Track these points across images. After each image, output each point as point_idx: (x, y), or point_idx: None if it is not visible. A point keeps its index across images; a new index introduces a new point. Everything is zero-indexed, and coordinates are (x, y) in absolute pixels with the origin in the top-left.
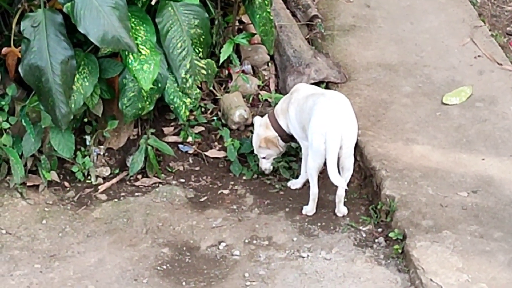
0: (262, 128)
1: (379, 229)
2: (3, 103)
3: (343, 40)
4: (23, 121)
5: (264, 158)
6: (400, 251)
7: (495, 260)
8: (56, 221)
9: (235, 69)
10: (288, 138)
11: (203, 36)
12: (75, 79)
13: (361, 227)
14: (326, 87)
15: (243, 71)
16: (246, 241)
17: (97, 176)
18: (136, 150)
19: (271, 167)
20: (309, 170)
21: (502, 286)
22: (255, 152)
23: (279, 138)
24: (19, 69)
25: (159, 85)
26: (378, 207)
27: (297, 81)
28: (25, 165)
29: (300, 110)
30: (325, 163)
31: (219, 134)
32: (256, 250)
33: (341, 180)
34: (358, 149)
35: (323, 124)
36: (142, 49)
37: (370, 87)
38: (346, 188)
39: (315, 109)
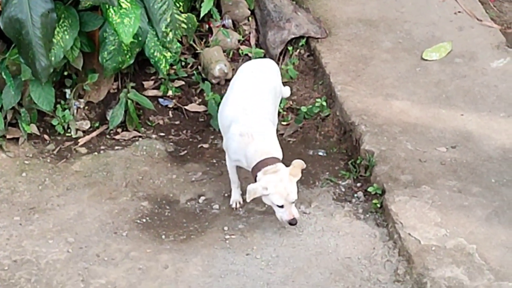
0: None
1: (358, 184)
2: None
3: None
4: (3, 73)
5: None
6: (378, 205)
7: (473, 215)
8: (35, 174)
9: (215, 24)
10: None
11: None
12: (55, 32)
13: (340, 182)
14: (306, 42)
15: (223, 26)
16: (226, 195)
17: (77, 130)
18: (116, 104)
19: None
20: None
21: (479, 241)
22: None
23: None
24: None
25: (140, 39)
26: (358, 162)
27: (278, 35)
28: (5, 118)
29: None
30: None
31: (199, 88)
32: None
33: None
34: (337, 104)
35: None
36: (123, 2)
37: (350, 43)
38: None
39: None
